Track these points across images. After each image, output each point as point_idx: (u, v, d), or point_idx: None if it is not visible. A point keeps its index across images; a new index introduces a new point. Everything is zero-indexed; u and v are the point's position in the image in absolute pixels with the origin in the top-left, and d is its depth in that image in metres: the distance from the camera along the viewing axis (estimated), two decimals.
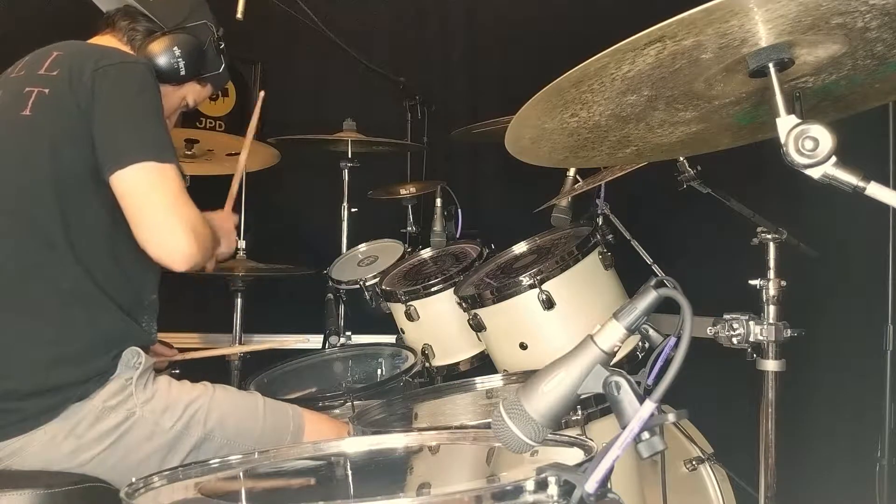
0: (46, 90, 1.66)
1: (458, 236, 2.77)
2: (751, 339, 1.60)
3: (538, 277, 2.10)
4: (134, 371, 1.64)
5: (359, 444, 1.37)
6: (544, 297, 2.09)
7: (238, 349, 2.78)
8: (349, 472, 1.32)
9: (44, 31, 1.81)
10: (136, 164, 1.59)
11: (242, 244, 2.71)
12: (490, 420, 0.99)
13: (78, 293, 1.62)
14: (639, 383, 0.94)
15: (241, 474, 1.26)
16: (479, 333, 2.29)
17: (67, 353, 1.60)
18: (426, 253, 2.77)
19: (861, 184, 0.99)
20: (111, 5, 1.89)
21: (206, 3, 1.98)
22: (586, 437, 1.14)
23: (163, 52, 1.82)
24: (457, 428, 1.63)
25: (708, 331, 1.58)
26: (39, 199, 1.62)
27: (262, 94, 2.40)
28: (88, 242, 1.64)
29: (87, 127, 1.62)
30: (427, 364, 2.46)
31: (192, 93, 1.97)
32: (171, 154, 1.64)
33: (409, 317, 2.46)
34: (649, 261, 2.37)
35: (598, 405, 1.74)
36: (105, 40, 1.85)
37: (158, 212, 1.61)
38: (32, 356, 1.59)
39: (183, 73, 1.85)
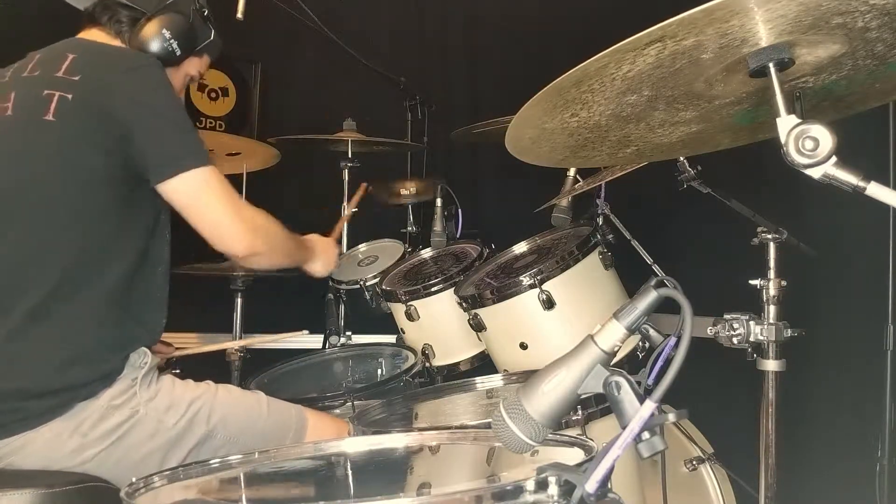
0: (69, 95, 1.64)
1: (458, 236, 2.77)
2: (751, 339, 1.60)
3: (538, 277, 2.10)
4: (139, 370, 1.65)
5: (359, 444, 1.37)
6: (544, 297, 2.09)
7: (236, 343, 2.77)
8: (349, 472, 1.32)
9: (41, 30, 1.81)
10: (188, 171, 1.66)
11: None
12: (490, 420, 0.99)
13: (89, 299, 1.62)
14: (639, 383, 0.94)
15: (242, 474, 1.26)
16: (479, 333, 2.29)
17: (78, 354, 1.61)
18: (426, 253, 2.77)
19: (861, 184, 0.99)
20: (86, 2, 1.87)
21: None
22: (586, 437, 1.14)
23: (154, 38, 1.80)
24: (457, 428, 1.63)
25: (708, 331, 1.58)
26: (59, 205, 1.62)
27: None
28: (102, 246, 1.64)
29: (120, 135, 1.62)
30: (427, 364, 2.46)
31: (192, 67, 1.96)
32: (208, 156, 1.71)
33: (410, 317, 2.46)
34: (649, 261, 2.37)
35: (598, 405, 1.74)
36: (94, 34, 1.83)
37: (216, 212, 1.71)
38: (44, 357, 1.59)
39: (179, 52, 1.84)
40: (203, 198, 1.70)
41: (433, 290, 2.45)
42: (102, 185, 1.63)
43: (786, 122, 1.02)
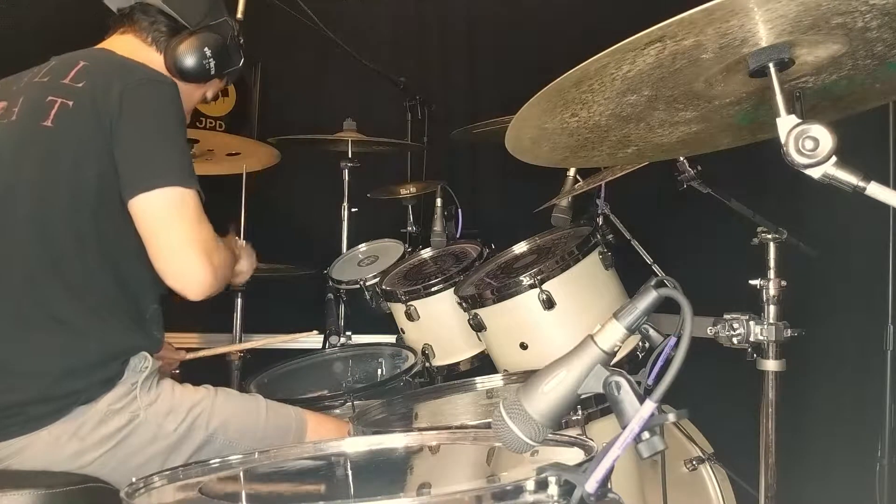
0: (70, 102, 1.63)
1: (458, 236, 2.77)
2: (751, 339, 1.60)
3: (538, 277, 2.10)
4: (140, 375, 1.64)
5: (359, 444, 1.37)
6: (544, 296, 2.09)
7: (242, 346, 2.77)
8: (349, 472, 1.32)
9: (53, 32, 1.81)
10: (159, 189, 1.58)
11: (243, 243, 2.71)
12: (490, 420, 0.99)
13: (87, 305, 1.61)
14: (639, 383, 0.94)
15: (242, 474, 1.26)
16: (479, 333, 2.29)
17: (77, 364, 1.60)
18: (426, 253, 2.77)
19: (861, 184, 0.99)
20: (123, 2, 1.86)
21: None
22: (586, 437, 1.14)
23: (193, 52, 1.79)
24: (457, 428, 1.63)
25: (708, 331, 1.58)
26: (54, 211, 1.60)
27: None
28: (97, 260, 1.62)
29: (109, 145, 1.60)
30: (427, 364, 2.46)
31: (212, 88, 1.96)
32: (193, 178, 1.63)
33: (410, 317, 2.46)
34: (649, 261, 2.37)
35: (598, 405, 1.74)
36: (125, 40, 1.82)
37: (177, 241, 1.59)
38: (42, 367, 1.59)
39: (213, 72, 1.83)
40: (167, 222, 1.58)
41: (433, 290, 2.45)
42: (96, 193, 1.61)
43: (786, 122, 1.02)
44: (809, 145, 0.99)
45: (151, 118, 1.65)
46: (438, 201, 2.70)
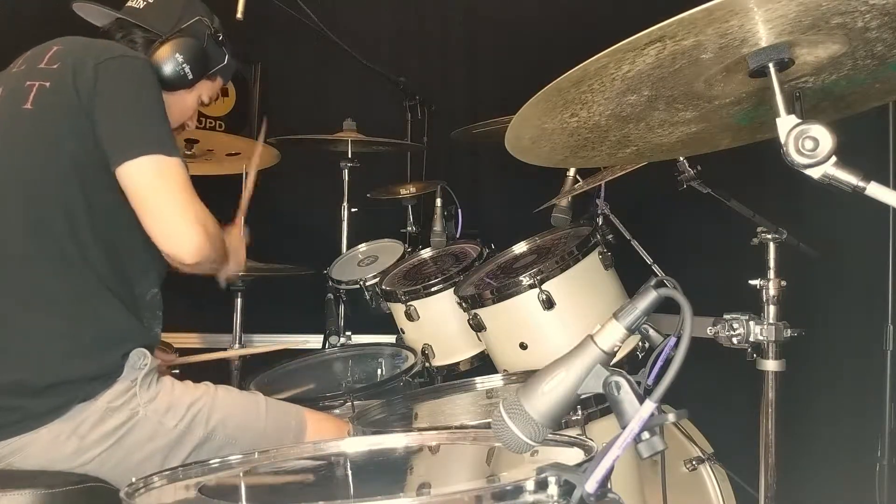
0: (47, 83, 1.66)
1: (458, 236, 2.77)
2: (751, 339, 1.60)
3: (538, 277, 2.10)
4: (139, 372, 1.64)
5: (359, 444, 1.37)
6: (544, 297, 2.09)
7: (238, 352, 2.77)
8: (349, 472, 1.32)
9: (46, 34, 1.81)
10: (144, 156, 1.60)
11: (245, 234, 2.70)
12: (490, 420, 0.99)
13: (82, 287, 1.62)
14: (639, 383, 0.94)
15: (242, 474, 1.26)
16: (479, 333, 2.29)
17: (77, 346, 1.60)
18: (426, 253, 2.77)
19: (861, 184, 0.99)
20: (106, 20, 1.88)
21: None
22: (586, 437, 1.14)
23: (166, 61, 1.80)
24: (457, 428, 1.63)
25: (708, 331, 1.58)
26: (43, 193, 1.62)
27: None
28: (89, 237, 1.64)
29: (89, 120, 1.62)
30: (427, 364, 2.46)
31: (205, 90, 1.95)
32: (176, 149, 1.66)
33: (409, 317, 2.46)
34: (649, 261, 2.37)
35: (598, 405, 1.74)
36: None
37: (168, 203, 1.62)
38: (44, 349, 1.60)
39: (191, 77, 1.84)
40: (153, 185, 1.61)
41: (433, 290, 2.45)
42: (82, 167, 1.62)
43: (785, 122, 1.02)
44: (809, 145, 0.99)
45: (126, 90, 1.67)
46: (438, 201, 2.70)
